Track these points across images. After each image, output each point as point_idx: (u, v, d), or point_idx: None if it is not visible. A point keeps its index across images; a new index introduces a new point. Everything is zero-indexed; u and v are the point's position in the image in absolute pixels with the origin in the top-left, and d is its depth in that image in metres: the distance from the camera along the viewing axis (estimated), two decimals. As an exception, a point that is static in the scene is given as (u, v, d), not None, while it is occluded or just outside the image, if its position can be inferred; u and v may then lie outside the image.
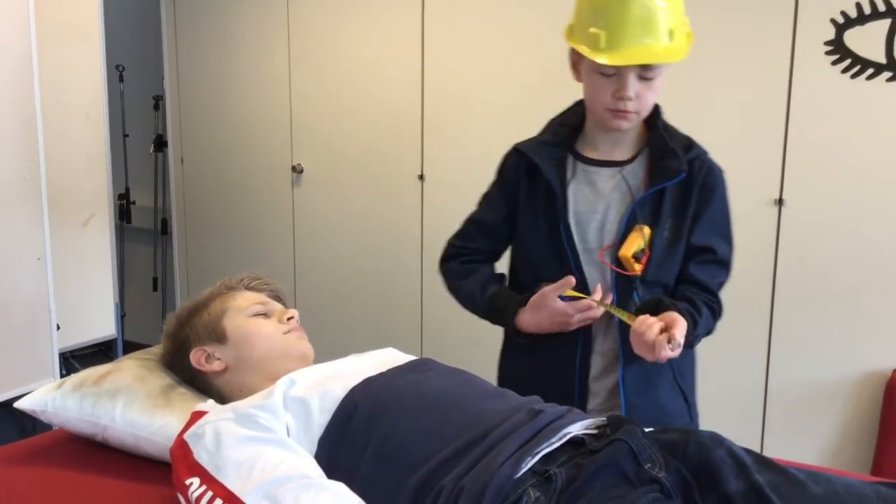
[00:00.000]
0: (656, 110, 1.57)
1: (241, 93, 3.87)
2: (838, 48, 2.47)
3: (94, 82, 3.40)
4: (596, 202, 1.56)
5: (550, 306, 1.48)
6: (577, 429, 1.13)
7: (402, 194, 3.40)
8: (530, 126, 3.22)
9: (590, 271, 1.55)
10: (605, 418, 1.17)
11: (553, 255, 1.56)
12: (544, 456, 1.06)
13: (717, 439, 1.07)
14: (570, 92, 1.70)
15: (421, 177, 3.33)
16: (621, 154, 1.58)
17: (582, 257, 1.54)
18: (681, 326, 1.38)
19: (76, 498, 1.29)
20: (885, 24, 2.40)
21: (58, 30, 3.21)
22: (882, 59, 2.42)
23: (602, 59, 1.41)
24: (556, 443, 1.08)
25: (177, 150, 4.16)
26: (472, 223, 1.71)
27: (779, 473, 1.01)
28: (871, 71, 2.44)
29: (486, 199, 1.72)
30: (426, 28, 3.26)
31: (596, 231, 1.56)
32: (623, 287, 1.52)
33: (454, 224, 1.76)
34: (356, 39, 3.45)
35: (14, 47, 2.71)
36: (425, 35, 3.26)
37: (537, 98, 3.00)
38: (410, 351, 1.48)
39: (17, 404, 1.46)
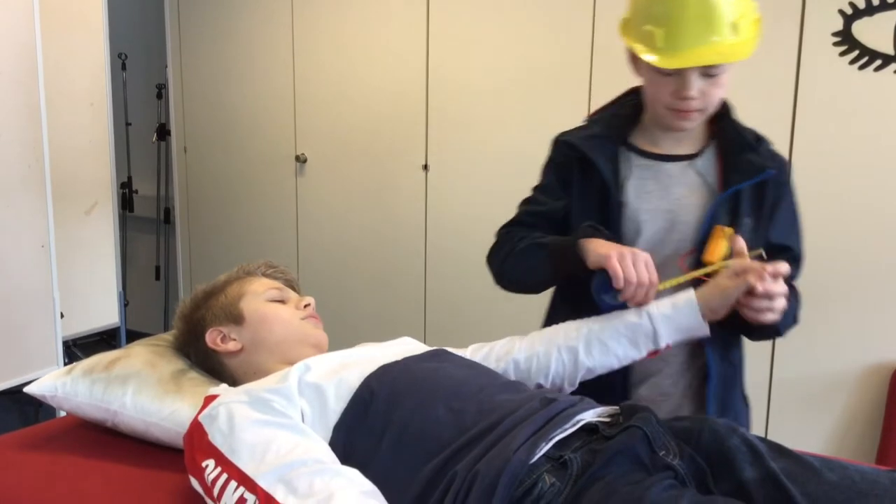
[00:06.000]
0: (724, 102, 1.45)
1: (244, 81, 3.86)
2: (846, 39, 2.46)
3: (97, 70, 3.40)
4: (662, 200, 1.41)
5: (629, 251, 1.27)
6: (590, 416, 1.13)
7: (405, 184, 3.39)
8: (534, 116, 3.21)
9: None
10: (617, 407, 1.17)
11: None
12: (558, 442, 1.06)
13: (731, 427, 1.07)
14: (578, 81, 1.67)
15: (425, 167, 3.32)
16: (685, 148, 1.44)
17: None
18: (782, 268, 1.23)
19: (87, 484, 1.29)
20: (894, 15, 2.39)
21: (61, 18, 3.21)
22: (890, 51, 2.41)
23: (658, 62, 1.29)
24: (569, 429, 1.08)
25: (180, 139, 4.15)
26: (527, 212, 1.53)
27: (793, 461, 1.02)
28: (878, 62, 2.43)
29: (540, 189, 1.54)
30: (431, 16, 3.24)
31: (662, 232, 1.41)
32: None
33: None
34: (360, 28, 3.44)
35: (18, 36, 2.70)
36: (430, 23, 3.25)
37: (543, 88, 2.99)
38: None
39: (26, 389, 1.45)
